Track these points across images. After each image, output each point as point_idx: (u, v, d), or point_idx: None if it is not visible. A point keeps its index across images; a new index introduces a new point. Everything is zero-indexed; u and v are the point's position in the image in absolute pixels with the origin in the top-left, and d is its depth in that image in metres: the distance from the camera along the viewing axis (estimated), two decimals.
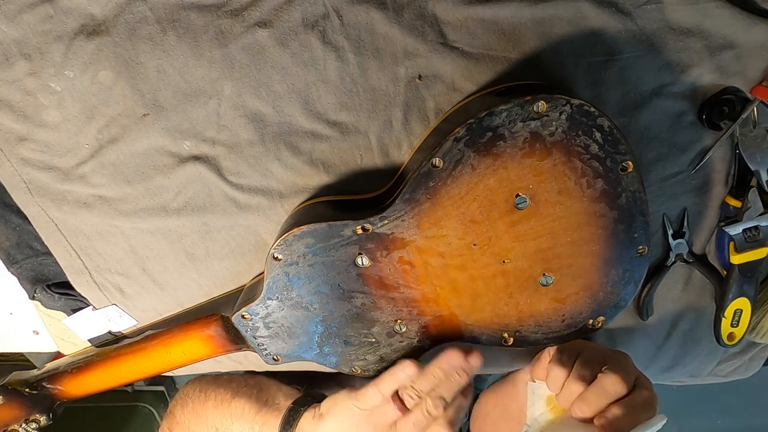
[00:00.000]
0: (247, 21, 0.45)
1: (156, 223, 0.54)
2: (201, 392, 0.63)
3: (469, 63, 0.46)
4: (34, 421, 0.60)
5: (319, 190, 0.52)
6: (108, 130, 0.50)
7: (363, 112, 0.48)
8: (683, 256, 0.56)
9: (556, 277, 0.48)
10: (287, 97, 0.48)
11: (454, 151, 0.43)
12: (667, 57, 0.46)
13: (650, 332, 0.61)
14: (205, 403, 0.62)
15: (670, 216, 0.54)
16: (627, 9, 0.44)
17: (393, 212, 0.45)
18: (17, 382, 0.59)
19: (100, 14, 0.45)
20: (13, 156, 0.51)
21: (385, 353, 0.53)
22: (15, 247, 0.57)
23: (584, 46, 0.45)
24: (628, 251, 0.47)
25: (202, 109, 0.49)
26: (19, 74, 0.47)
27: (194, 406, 0.63)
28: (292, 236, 0.46)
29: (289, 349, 0.53)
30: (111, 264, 0.57)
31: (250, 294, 0.53)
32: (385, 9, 0.45)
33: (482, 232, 0.46)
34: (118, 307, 0.59)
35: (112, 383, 0.59)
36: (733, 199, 0.53)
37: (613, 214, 0.46)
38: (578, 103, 0.41)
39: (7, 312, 0.67)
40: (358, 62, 0.46)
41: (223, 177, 0.51)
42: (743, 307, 0.57)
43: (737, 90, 0.47)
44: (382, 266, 0.48)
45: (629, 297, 0.50)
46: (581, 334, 0.52)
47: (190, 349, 0.56)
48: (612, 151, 0.43)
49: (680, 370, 0.65)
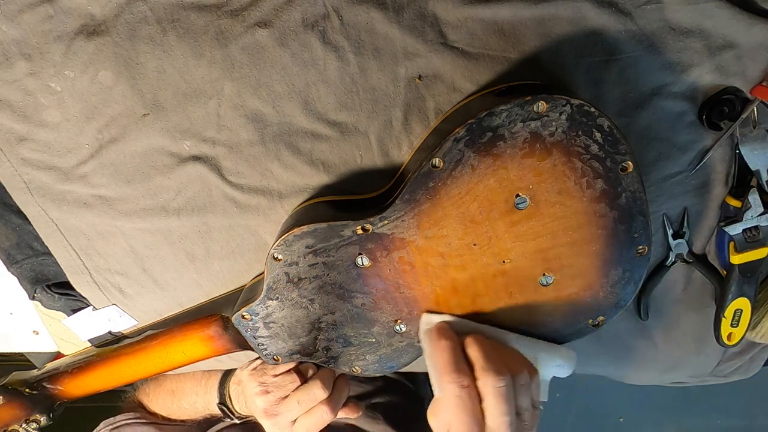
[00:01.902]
0: (247, 21, 0.45)
1: (156, 223, 0.54)
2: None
3: (469, 63, 0.46)
4: (34, 421, 0.60)
5: (319, 190, 0.52)
6: (108, 130, 0.50)
7: (363, 112, 0.49)
8: (683, 256, 0.56)
9: (556, 277, 0.48)
10: (287, 97, 0.48)
11: (454, 152, 0.43)
12: (667, 57, 0.46)
13: (650, 332, 0.61)
14: (165, 376, 0.69)
15: (670, 216, 0.54)
16: (627, 9, 0.44)
17: (393, 212, 0.45)
18: (17, 382, 0.59)
19: (100, 14, 0.45)
20: (13, 156, 0.51)
21: (385, 353, 0.53)
22: (15, 247, 0.57)
23: (584, 46, 0.45)
24: (628, 251, 0.47)
25: (202, 109, 0.49)
26: (19, 74, 0.47)
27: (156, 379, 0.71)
28: (292, 236, 0.46)
29: (289, 349, 0.53)
30: (111, 264, 0.57)
31: (250, 294, 0.53)
32: (385, 9, 0.45)
33: (482, 232, 0.46)
34: (118, 307, 0.60)
35: (112, 383, 0.59)
36: (733, 199, 0.53)
37: (613, 214, 0.46)
38: (578, 103, 0.41)
39: (7, 312, 0.67)
40: (358, 62, 0.46)
41: (223, 177, 0.51)
42: (743, 307, 0.57)
43: (737, 90, 0.47)
44: (382, 266, 0.48)
45: (629, 297, 0.50)
46: (581, 334, 0.52)
47: (190, 349, 0.56)
48: (612, 151, 0.43)
49: (680, 370, 0.65)
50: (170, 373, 0.65)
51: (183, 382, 0.68)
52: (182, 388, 0.67)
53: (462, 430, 0.41)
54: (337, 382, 0.56)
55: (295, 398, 0.54)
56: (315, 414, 0.53)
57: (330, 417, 0.54)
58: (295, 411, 0.54)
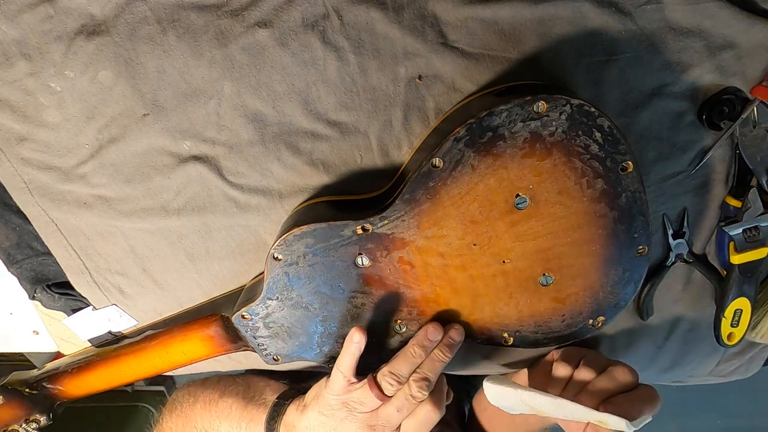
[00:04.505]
0: (247, 21, 0.45)
1: (156, 223, 0.54)
2: (190, 396, 0.63)
3: (469, 63, 0.46)
4: (34, 421, 0.59)
5: (319, 190, 0.52)
6: (108, 130, 0.50)
7: (363, 112, 0.48)
8: (683, 256, 0.56)
9: (556, 277, 0.48)
10: (287, 97, 0.48)
11: (454, 151, 0.43)
12: (667, 57, 0.46)
13: (650, 332, 0.61)
14: (194, 405, 0.61)
15: (670, 216, 0.54)
16: (627, 9, 0.44)
17: (393, 212, 0.45)
18: (17, 382, 0.59)
19: (100, 14, 0.45)
20: (13, 156, 0.51)
21: (385, 353, 0.53)
22: (15, 247, 0.57)
23: (584, 46, 0.45)
24: (628, 251, 0.47)
25: (202, 109, 0.49)
26: (19, 74, 0.47)
27: (183, 410, 0.62)
28: (292, 236, 0.46)
29: (289, 349, 0.53)
30: (111, 264, 0.57)
31: (250, 294, 0.53)
32: (385, 9, 0.45)
33: (482, 232, 0.46)
34: (118, 307, 0.59)
35: (112, 383, 0.59)
36: (733, 199, 0.53)
37: (613, 214, 0.46)
38: (578, 103, 0.41)
39: (7, 312, 0.67)
40: (358, 62, 0.46)
41: (223, 177, 0.51)
42: (743, 307, 0.57)
43: (737, 90, 0.47)
44: (382, 266, 0.48)
45: (629, 297, 0.50)
46: (581, 334, 0.52)
47: (190, 349, 0.56)
48: (612, 151, 0.43)
49: (680, 370, 0.65)
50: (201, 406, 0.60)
51: (217, 420, 0.58)
52: (216, 428, 0.58)
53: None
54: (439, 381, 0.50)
55: (393, 406, 0.47)
56: (419, 414, 0.47)
57: (437, 415, 0.47)
58: (396, 417, 0.47)
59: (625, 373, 0.46)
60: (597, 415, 0.42)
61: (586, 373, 0.48)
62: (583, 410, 0.43)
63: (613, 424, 0.41)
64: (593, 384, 0.46)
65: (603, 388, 0.45)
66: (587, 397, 0.46)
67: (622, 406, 0.44)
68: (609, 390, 0.45)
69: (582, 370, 0.49)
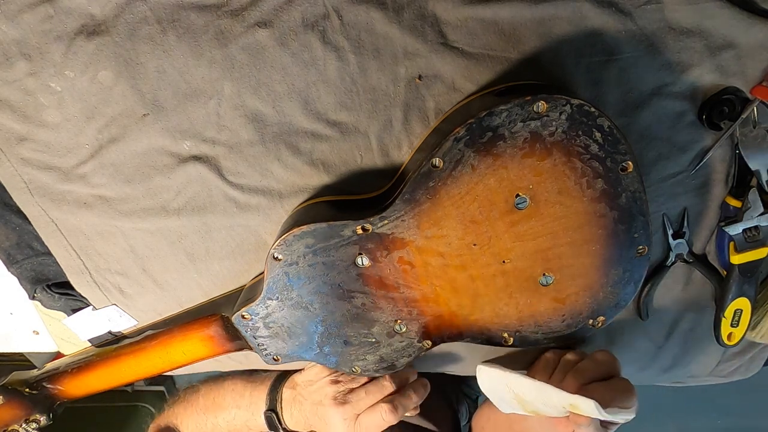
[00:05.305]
0: (247, 21, 0.45)
1: (156, 223, 0.54)
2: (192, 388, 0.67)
3: (469, 63, 0.46)
4: (34, 421, 0.60)
5: (319, 190, 0.52)
6: (108, 130, 0.50)
7: (363, 112, 0.48)
8: (683, 256, 0.56)
9: (556, 277, 0.48)
10: (287, 97, 0.48)
11: (454, 151, 0.43)
12: (667, 57, 0.46)
13: (650, 332, 0.61)
14: (197, 392, 0.66)
15: (670, 216, 0.54)
16: (627, 9, 0.44)
17: (393, 212, 0.45)
18: (17, 382, 0.59)
19: (100, 14, 0.45)
20: (13, 156, 0.51)
21: (385, 353, 0.53)
22: (15, 247, 0.57)
23: (584, 46, 0.45)
24: (628, 251, 0.47)
25: (202, 109, 0.49)
26: (19, 74, 0.47)
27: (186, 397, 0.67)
28: (292, 236, 0.46)
29: (289, 349, 0.53)
30: (111, 264, 0.57)
31: (250, 294, 0.53)
32: (385, 9, 0.45)
33: (482, 232, 0.46)
34: (118, 307, 0.59)
35: (112, 383, 0.59)
36: (733, 199, 0.53)
37: (613, 214, 0.46)
38: (578, 103, 0.41)
39: (7, 312, 0.67)
40: (358, 62, 0.46)
41: (223, 177, 0.51)
42: (743, 307, 0.57)
43: (737, 90, 0.47)
44: (382, 266, 0.48)
45: (629, 297, 0.50)
46: (581, 334, 0.52)
47: (190, 349, 0.56)
48: (612, 151, 0.43)
49: (680, 370, 0.65)
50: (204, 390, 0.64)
51: (221, 395, 0.64)
52: (220, 402, 0.64)
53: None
54: (414, 385, 0.57)
55: (363, 388, 0.55)
56: (375, 413, 0.53)
57: (390, 418, 0.53)
58: (363, 401, 0.54)
59: (605, 354, 0.49)
60: (570, 398, 0.43)
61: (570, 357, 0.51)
62: (557, 394, 0.44)
63: (583, 407, 0.42)
64: (576, 367, 0.49)
65: (583, 368, 0.48)
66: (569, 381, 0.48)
67: (595, 391, 0.45)
68: (588, 370, 0.48)
69: (568, 355, 0.52)
